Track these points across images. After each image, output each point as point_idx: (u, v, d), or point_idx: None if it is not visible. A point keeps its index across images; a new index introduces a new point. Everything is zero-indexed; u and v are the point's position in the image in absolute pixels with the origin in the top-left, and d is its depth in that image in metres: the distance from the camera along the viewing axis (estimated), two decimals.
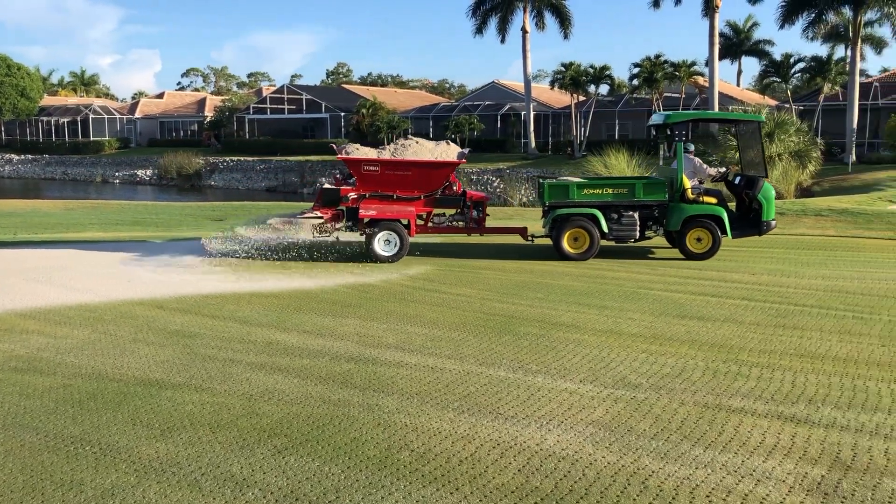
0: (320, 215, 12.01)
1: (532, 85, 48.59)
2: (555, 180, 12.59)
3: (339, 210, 12.03)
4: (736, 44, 56.29)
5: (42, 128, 69.32)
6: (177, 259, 11.91)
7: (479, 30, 46.35)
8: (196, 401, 5.55)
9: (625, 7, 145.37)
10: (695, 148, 13.20)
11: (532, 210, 21.49)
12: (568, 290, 9.55)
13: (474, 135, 47.43)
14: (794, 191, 25.47)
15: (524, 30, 45.62)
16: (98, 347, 6.98)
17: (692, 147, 12.97)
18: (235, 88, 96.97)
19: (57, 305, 8.70)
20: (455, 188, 12.28)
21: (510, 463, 4.49)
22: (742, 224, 12.17)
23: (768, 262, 11.62)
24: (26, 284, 9.93)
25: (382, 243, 11.80)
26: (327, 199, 12.07)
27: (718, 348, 6.86)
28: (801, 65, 41.64)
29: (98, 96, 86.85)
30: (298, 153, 53.42)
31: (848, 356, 6.59)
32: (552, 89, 49.43)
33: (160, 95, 78.33)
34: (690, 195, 11.97)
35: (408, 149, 12.15)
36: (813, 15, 36.00)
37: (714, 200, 12.03)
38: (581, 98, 47.19)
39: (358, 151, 12.13)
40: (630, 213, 11.94)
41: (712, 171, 12.72)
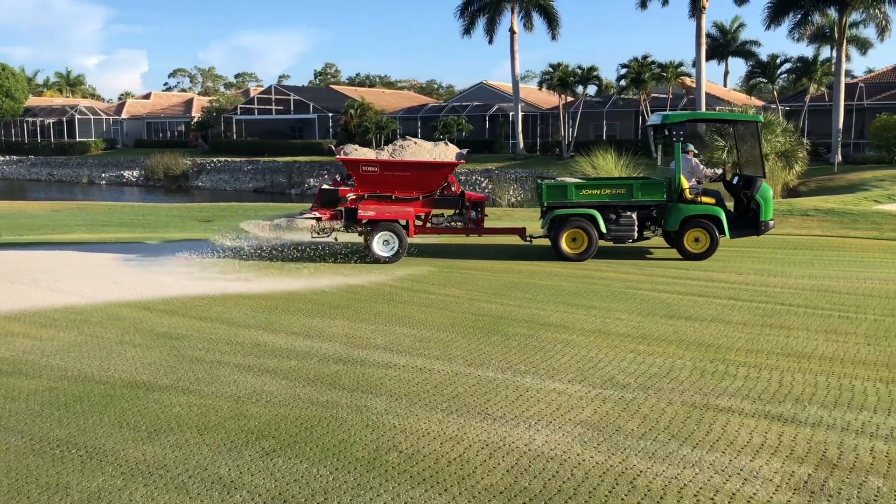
0: (319, 216, 12.01)
1: (520, 85, 48.68)
2: (553, 181, 12.59)
3: (338, 210, 12.04)
4: (723, 44, 56.65)
5: (27, 128, 68.85)
6: (164, 260, 11.86)
7: (468, 30, 46.46)
8: (183, 403, 5.52)
9: (612, 8, 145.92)
10: (693, 148, 13.24)
11: (520, 210, 21.52)
12: (556, 291, 9.56)
13: (462, 135, 47.46)
14: (781, 191, 25.63)
15: (512, 30, 45.72)
16: (84, 350, 6.94)
17: (691, 147, 13.01)
18: (223, 89, 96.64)
19: (42, 307, 8.63)
20: (453, 189, 12.27)
21: (499, 463, 4.49)
22: (740, 224, 12.20)
23: (755, 262, 11.68)
24: (11, 286, 9.86)
25: (381, 244, 11.79)
26: (326, 200, 12.05)
27: (706, 348, 6.89)
28: (788, 65, 41.99)
29: (84, 97, 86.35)
30: (286, 154, 53.33)
31: (834, 355, 6.63)
32: (540, 90, 49.57)
33: (147, 96, 77.96)
34: (688, 195, 12.00)
35: (406, 149, 12.13)
36: (799, 16, 36.27)
37: (712, 201, 12.06)
38: (569, 99, 47.33)
39: (356, 152, 12.12)
40: (628, 214, 11.95)
41: (709, 172, 12.75)
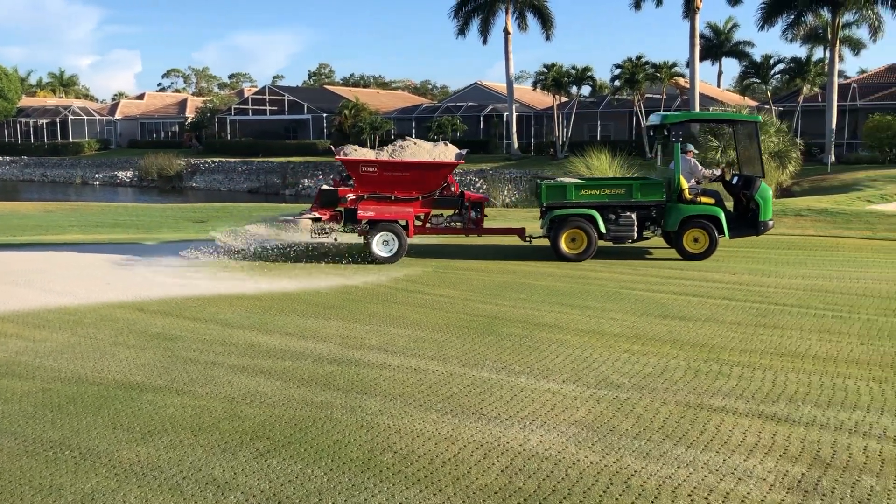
0: (319, 216, 11.99)
1: (514, 86, 48.75)
2: (553, 181, 12.58)
3: (338, 211, 12.03)
4: (716, 45, 56.79)
5: (20, 129, 68.61)
6: (158, 261, 11.83)
7: (462, 31, 46.49)
8: (177, 404, 5.51)
9: (606, 9, 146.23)
10: (693, 149, 13.24)
11: (515, 211, 21.54)
12: (551, 291, 9.57)
13: (457, 136, 47.45)
14: (775, 191, 25.67)
15: (506, 31, 45.73)
16: (78, 351, 6.92)
17: (691, 147, 13.01)
18: (217, 89, 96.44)
19: (36, 308, 8.60)
20: (453, 189, 12.27)
21: (493, 464, 4.49)
22: (740, 224, 12.20)
23: (749, 262, 11.71)
24: (4, 287, 9.82)
25: (381, 244, 11.78)
26: (326, 200, 12.05)
27: (700, 348, 6.90)
28: (781, 66, 42.14)
29: (77, 97, 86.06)
30: (280, 154, 53.27)
31: (827, 355, 6.65)
32: (534, 90, 49.59)
33: (140, 96, 77.76)
34: (688, 196, 12.00)
35: (406, 150, 12.12)
36: (792, 16, 36.37)
37: (711, 201, 12.06)
38: (563, 99, 47.39)
39: (356, 153, 12.12)
40: (627, 214, 11.93)
41: (707, 173, 12.74)
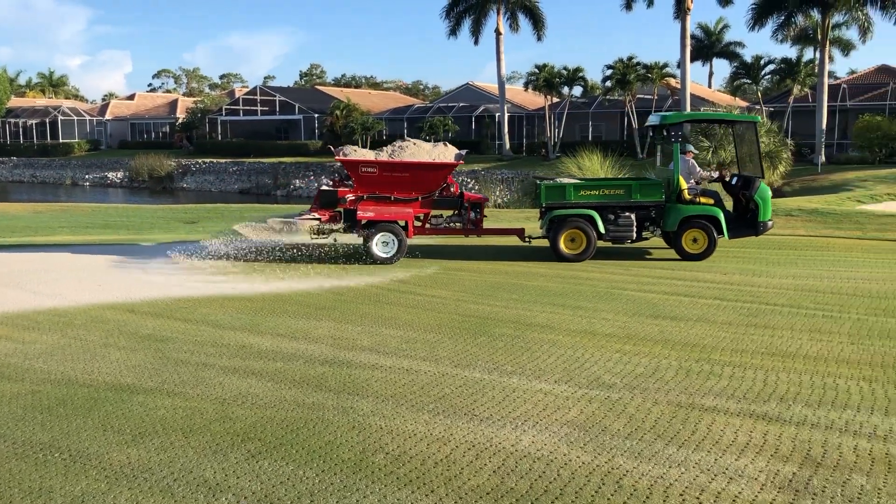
0: (318, 216, 11.97)
1: (506, 86, 48.80)
2: (552, 181, 12.58)
3: (337, 211, 12.01)
4: (707, 46, 56.98)
5: (9, 130, 68.25)
6: (149, 262, 11.79)
7: (453, 31, 46.49)
8: (168, 405, 5.49)
9: (597, 10, 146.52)
10: (693, 149, 13.25)
11: (507, 212, 21.54)
12: (542, 291, 9.58)
13: (449, 136, 47.41)
14: None
15: (498, 31, 45.77)
16: (68, 352, 6.88)
17: (690, 148, 13.01)
18: (208, 90, 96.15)
19: (25, 310, 8.55)
20: (452, 189, 12.26)
21: (485, 464, 4.49)
22: (739, 224, 12.22)
23: (740, 262, 11.74)
24: None
25: (380, 245, 11.77)
26: (325, 201, 12.02)
27: (691, 348, 6.92)
28: (772, 66, 42.27)
29: (67, 98, 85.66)
30: (272, 155, 53.19)
31: (818, 354, 6.67)
32: (526, 91, 49.66)
33: (131, 97, 77.47)
34: (687, 196, 12.01)
35: (405, 150, 12.11)
36: (782, 17, 36.50)
37: (711, 201, 12.07)
38: (555, 100, 47.44)
39: (356, 153, 12.10)
40: (627, 214, 11.94)
41: (705, 174, 12.74)
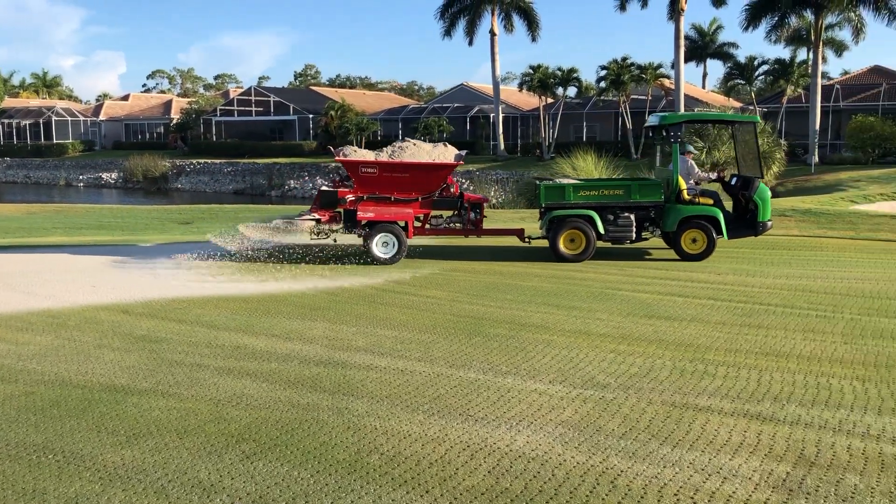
0: (318, 217, 11.96)
1: (501, 87, 48.86)
2: (551, 182, 12.58)
3: (337, 212, 12.01)
4: (701, 46, 57.13)
5: (3, 130, 68.02)
6: (143, 263, 11.76)
7: (448, 32, 46.53)
8: (162, 406, 5.48)
9: (592, 10, 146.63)
10: (693, 150, 13.25)
11: (502, 212, 21.54)
12: (537, 291, 9.59)
13: (443, 137, 47.40)
14: None
15: (492, 32, 45.81)
16: (61, 354, 6.86)
17: (690, 149, 13.03)
18: (202, 90, 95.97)
19: (19, 311, 8.53)
20: (452, 190, 12.26)
21: (480, 464, 4.49)
22: (738, 225, 12.23)
23: (733, 262, 11.77)
24: None
25: (380, 245, 11.77)
26: (325, 201, 12.02)
27: (685, 348, 6.93)
28: (765, 67, 42.37)
29: (61, 98, 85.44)
30: (266, 155, 53.12)
31: (812, 354, 6.69)
32: (521, 91, 49.70)
33: (125, 97, 77.28)
34: (686, 196, 12.02)
35: (405, 151, 12.10)
36: (776, 18, 36.63)
37: (710, 202, 12.07)
38: (549, 100, 47.49)
39: (356, 154, 12.11)
40: (626, 215, 11.94)
41: (703, 175, 12.74)
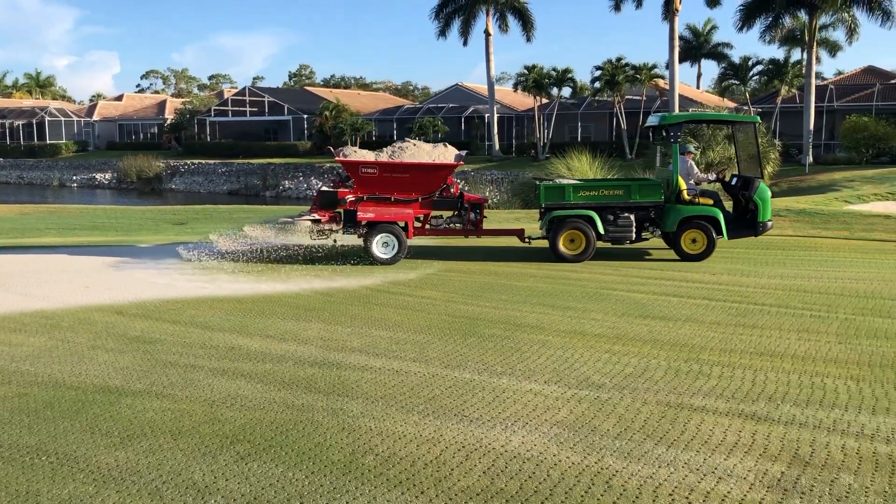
0: (318, 217, 11.94)
1: (496, 87, 48.87)
2: (551, 182, 12.59)
3: (337, 212, 12.00)
4: (695, 47, 57.22)
5: None
6: (137, 264, 11.73)
7: (443, 32, 46.55)
8: (157, 408, 5.46)
9: (587, 11, 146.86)
10: (694, 150, 13.24)
11: (497, 212, 21.53)
12: (532, 292, 9.59)
13: (438, 137, 47.44)
14: None
15: (487, 32, 45.83)
16: (55, 355, 6.83)
17: (691, 149, 13.04)
18: (196, 91, 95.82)
19: (12, 312, 8.49)
20: (452, 190, 12.26)
21: (475, 465, 4.49)
22: (738, 225, 12.24)
23: (728, 262, 11.79)
24: None
25: (381, 245, 11.76)
26: (325, 202, 12.01)
27: (680, 348, 6.94)
28: (759, 67, 42.51)
29: (54, 98, 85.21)
30: (261, 156, 53.08)
31: (806, 354, 6.71)
32: (515, 92, 49.73)
33: (119, 98, 77.13)
34: (686, 196, 12.03)
35: (405, 151, 12.10)
36: (770, 19, 36.70)
37: (710, 202, 12.08)
38: (544, 100, 47.53)
39: (356, 154, 12.10)
40: (626, 215, 11.95)
41: (702, 177, 12.75)
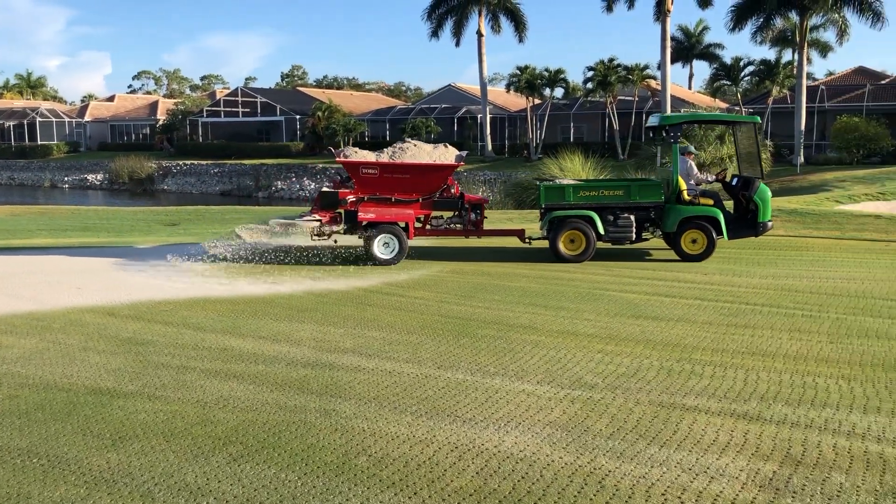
0: (319, 218, 11.92)
1: (488, 88, 48.91)
2: (551, 182, 12.60)
3: (338, 213, 11.99)
4: (687, 47, 57.38)
5: None
6: (129, 265, 11.69)
7: (435, 33, 46.56)
8: (149, 409, 5.44)
9: (579, 11, 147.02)
10: (693, 150, 13.26)
11: (490, 213, 21.52)
12: (525, 292, 9.60)
13: (431, 138, 47.40)
14: None
15: (479, 33, 45.86)
16: (46, 357, 6.80)
17: (691, 149, 13.05)
18: (189, 91, 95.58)
19: (2, 314, 8.44)
20: (453, 191, 12.25)
21: (468, 466, 4.49)
22: (739, 225, 12.26)
23: (720, 262, 11.82)
24: None
25: (381, 246, 11.76)
26: (326, 202, 12.00)
27: (672, 347, 6.96)
28: (751, 68, 42.56)
29: (45, 99, 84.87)
30: (253, 156, 52.98)
31: (798, 353, 6.73)
32: (508, 92, 49.75)
33: (111, 98, 76.88)
34: (686, 197, 12.05)
35: (406, 151, 12.10)
36: (761, 19, 36.81)
37: (710, 202, 12.10)
38: (536, 101, 47.56)
39: (356, 154, 12.09)
40: (626, 215, 11.96)
41: (702, 177, 12.78)
